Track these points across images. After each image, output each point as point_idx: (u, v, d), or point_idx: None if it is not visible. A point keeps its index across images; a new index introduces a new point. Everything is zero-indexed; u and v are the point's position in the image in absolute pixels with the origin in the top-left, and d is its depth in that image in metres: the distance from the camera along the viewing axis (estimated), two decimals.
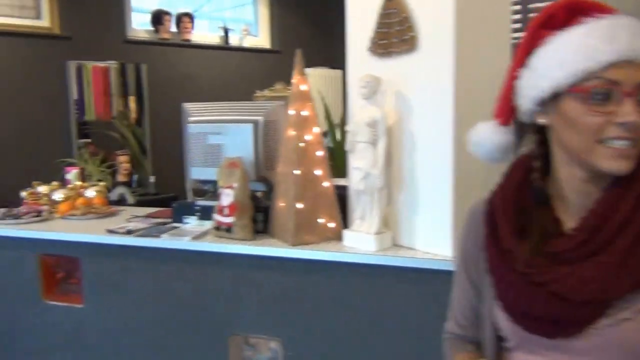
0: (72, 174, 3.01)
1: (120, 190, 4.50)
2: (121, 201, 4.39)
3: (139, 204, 4.27)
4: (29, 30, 4.99)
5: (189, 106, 2.50)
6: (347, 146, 2.05)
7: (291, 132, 2.13)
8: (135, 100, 5.43)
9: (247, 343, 2.19)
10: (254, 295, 2.14)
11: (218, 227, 2.17)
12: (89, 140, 5.22)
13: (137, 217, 2.61)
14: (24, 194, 2.82)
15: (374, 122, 1.93)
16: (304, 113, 2.13)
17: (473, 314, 1.18)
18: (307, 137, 2.12)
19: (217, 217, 2.17)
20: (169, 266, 2.25)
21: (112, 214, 2.71)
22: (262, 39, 6.59)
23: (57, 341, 2.50)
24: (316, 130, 2.15)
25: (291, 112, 2.14)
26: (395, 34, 1.96)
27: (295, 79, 2.14)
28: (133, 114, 5.45)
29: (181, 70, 5.86)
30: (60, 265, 2.51)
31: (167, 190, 5.24)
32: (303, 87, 2.14)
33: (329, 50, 6.80)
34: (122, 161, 4.95)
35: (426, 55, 1.89)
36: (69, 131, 5.17)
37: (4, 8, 4.86)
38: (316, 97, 2.61)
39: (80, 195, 2.79)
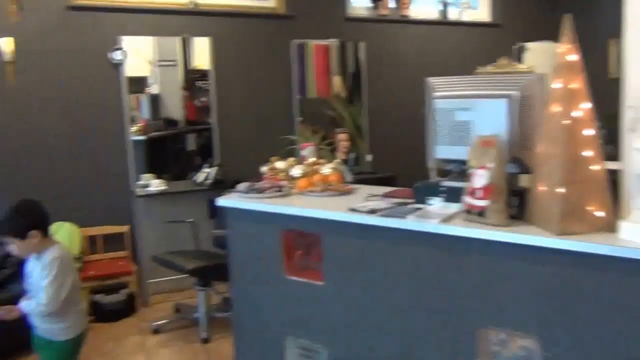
0: (307, 150, 3.10)
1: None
2: None
3: (356, 183, 4.33)
4: (256, 11, 5.29)
5: (433, 80, 2.41)
6: (627, 124, 1.81)
7: (555, 108, 1.94)
8: (352, 78, 5.52)
9: (497, 338, 2.06)
10: (507, 286, 2.00)
11: (469, 211, 2.06)
12: (301, 118, 5.42)
13: (374, 196, 2.60)
14: (264, 169, 2.97)
15: None
16: (572, 86, 1.92)
17: None
18: (575, 114, 1.91)
19: (469, 199, 2.06)
20: (413, 249, 2.19)
21: (349, 192, 2.74)
22: (481, 12, 6.31)
23: (297, 316, 2.60)
24: (585, 105, 1.93)
25: (556, 85, 1.94)
26: None
27: (562, 48, 1.94)
28: (347, 92, 5.55)
29: (398, 46, 5.83)
30: (300, 241, 2.59)
31: (383, 169, 5.27)
32: (571, 58, 1.93)
33: (553, 23, 6.30)
34: (342, 139, 5.06)
35: None
36: (290, 108, 5.42)
37: None
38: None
39: (316, 171, 2.86)
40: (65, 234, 4.53)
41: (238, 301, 2.83)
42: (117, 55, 4.82)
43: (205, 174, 5.07)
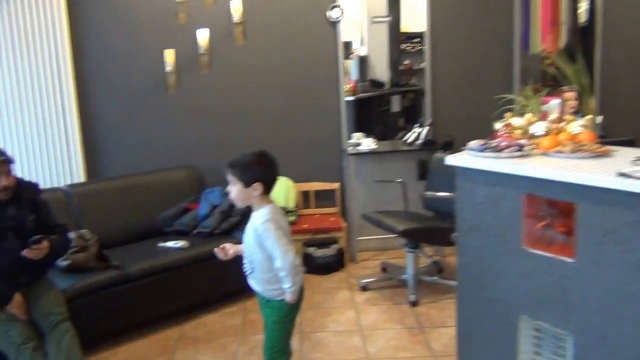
0: (550, 104, 2.57)
1: None
2: None
3: None
4: None
5: None
6: None
7: None
8: (581, 29, 4.72)
9: None
10: None
11: None
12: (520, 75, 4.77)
13: None
14: (498, 125, 2.51)
15: None
16: None
17: None
18: None
19: None
20: None
21: (607, 154, 2.17)
22: None
23: (537, 295, 2.13)
24: None
25: None
26: None
27: None
28: (573, 46, 4.75)
29: None
30: (546, 209, 2.10)
31: (616, 133, 4.45)
32: None
33: None
34: (568, 98, 4.34)
35: None
36: (510, 65, 4.79)
37: None
38: None
39: (562, 130, 2.33)
40: (283, 188, 4.49)
41: (464, 268, 2.43)
42: (334, 14, 4.58)
43: (416, 133, 4.70)
